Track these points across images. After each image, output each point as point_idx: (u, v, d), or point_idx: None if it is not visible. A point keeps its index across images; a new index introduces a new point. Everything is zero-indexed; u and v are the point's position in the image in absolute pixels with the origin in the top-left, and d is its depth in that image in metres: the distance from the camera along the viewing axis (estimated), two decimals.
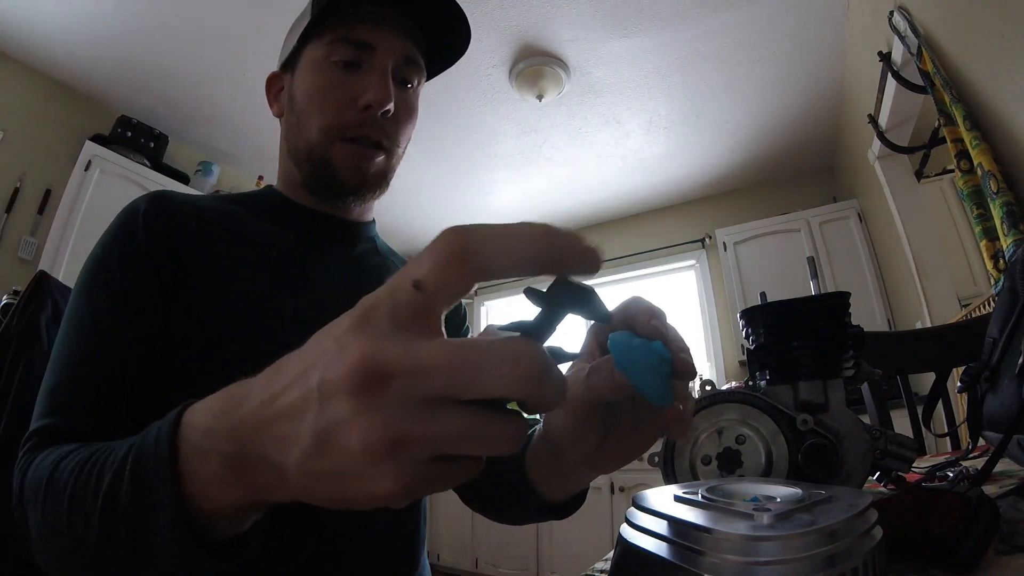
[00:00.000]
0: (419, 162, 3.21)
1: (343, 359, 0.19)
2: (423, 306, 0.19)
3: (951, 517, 0.33)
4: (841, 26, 2.30)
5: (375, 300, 0.20)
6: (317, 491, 0.21)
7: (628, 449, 0.36)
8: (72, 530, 0.30)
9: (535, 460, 0.46)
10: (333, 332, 0.20)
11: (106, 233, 0.51)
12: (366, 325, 0.19)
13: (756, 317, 0.49)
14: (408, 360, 0.18)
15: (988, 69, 1.29)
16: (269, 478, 0.22)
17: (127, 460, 0.28)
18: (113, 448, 0.31)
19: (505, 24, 2.23)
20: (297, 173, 0.61)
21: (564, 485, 0.45)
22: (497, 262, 0.19)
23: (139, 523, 0.27)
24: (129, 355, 0.46)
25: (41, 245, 2.35)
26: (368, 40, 0.56)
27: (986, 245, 1.32)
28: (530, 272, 0.20)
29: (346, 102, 0.56)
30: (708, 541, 0.22)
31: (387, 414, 0.18)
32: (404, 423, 0.18)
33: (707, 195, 3.86)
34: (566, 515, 0.49)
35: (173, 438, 0.26)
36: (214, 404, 0.25)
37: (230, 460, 0.23)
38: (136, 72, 2.51)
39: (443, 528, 3.42)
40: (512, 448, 0.20)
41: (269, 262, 0.56)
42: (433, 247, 0.19)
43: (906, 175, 2.34)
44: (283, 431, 0.21)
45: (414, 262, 0.19)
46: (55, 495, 0.32)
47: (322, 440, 0.19)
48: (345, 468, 0.19)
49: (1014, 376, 0.52)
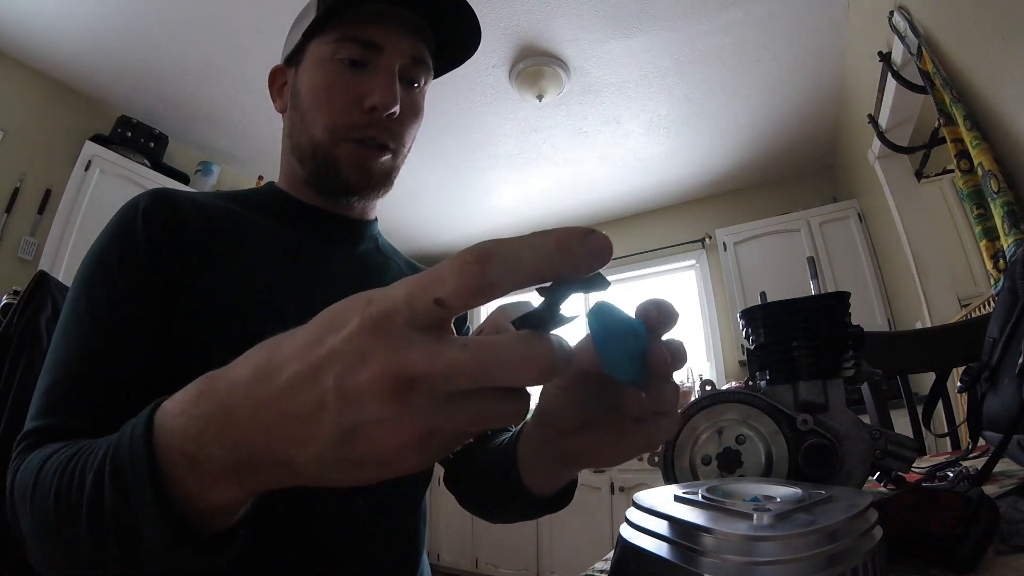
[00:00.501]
0: (419, 162, 3.21)
1: (369, 366, 0.19)
2: (442, 316, 0.20)
3: (951, 517, 0.33)
4: (841, 26, 2.30)
5: (391, 305, 0.20)
6: (331, 476, 0.22)
7: (603, 442, 0.35)
8: (62, 530, 0.30)
9: (524, 453, 0.47)
10: (340, 331, 0.20)
11: (105, 230, 0.50)
12: (386, 331, 0.20)
13: (756, 317, 0.49)
14: (433, 366, 0.19)
15: (988, 69, 1.29)
16: (277, 474, 0.23)
17: (105, 462, 0.28)
18: (94, 447, 0.30)
19: (505, 24, 2.23)
20: (300, 170, 0.60)
21: (551, 476, 0.45)
22: (519, 282, 0.20)
23: (124, 524, 0.27)
24: (128, 354, 0.45)
25: (41, 245, 2.35)
26: (375, 40, 0.55)
27: (986, 245, 1.32)
28: (549, 281, 0.21)
29: (352, 102, 0.56)
30: (708, 541, 0.22)
31: (416, 414, 0.19)
32: (431, 419, 0.20)
33: (707, 195, 3.86)
34: (556, 509, 0.50)
35: (149, 443, 0.25)
36: (189, 405, 0.25)
37: (229, 464, 0.23)
38: (136, 72, 2.51)
39: (443, 528, 3.42)
40: (519, 420, 0.22)
41: (271, 261, 0.55)
42: (457, 270, 0.19)
43: (906, 175, 2.34)
44: (297, 432, 0.21)
45: (434, 278, 0.20)
46: (42, 496, 0.32)
47: (347, 437, 0.20)
48: (371, 458, 0.21)
49: (1014, 376, 0.52)
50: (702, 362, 3.59)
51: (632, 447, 0.34)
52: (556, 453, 0.40)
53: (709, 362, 3.57)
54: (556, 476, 0.45)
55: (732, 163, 3.43)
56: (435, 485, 1.80)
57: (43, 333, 0.79)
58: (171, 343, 0.47)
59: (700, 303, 3.73)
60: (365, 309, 0.20)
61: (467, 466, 0.61)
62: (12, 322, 0.78)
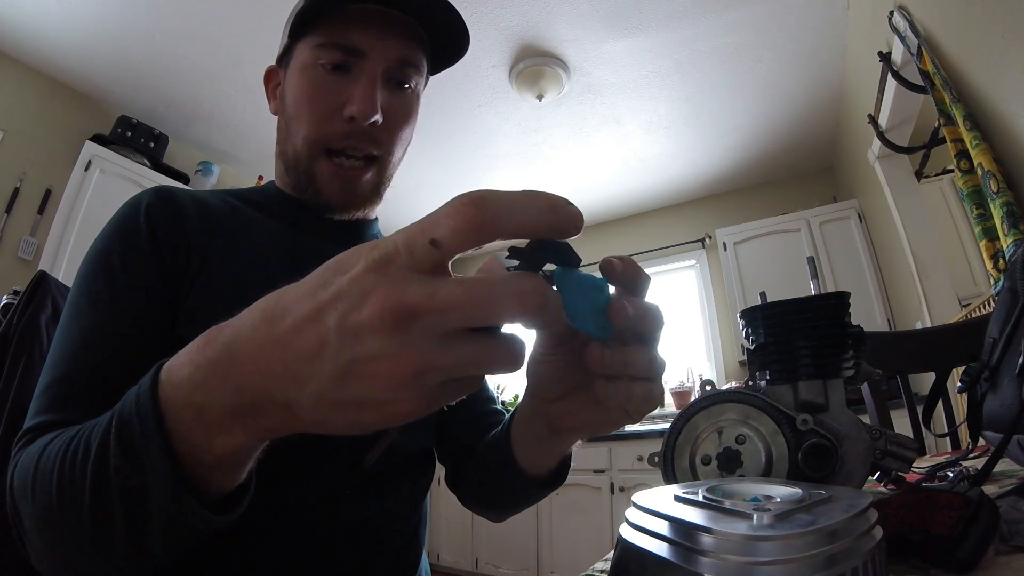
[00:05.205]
0: (419, 162, 3.21)
1: (370, 301, 0.20)
2: (438, 258, 0.21)
3: (951, 517, 0.33)
4: (841, 26, 2.30)
5: (391, 248, 0.21)
6: (331, 420, 0.23)
7: (584, 407, 0.36)
8: (64, 514, 0.30)
9: (516, 431, 0.48)
10: (346, 274, 0.21)
11: (107, 227, 0.50)
12: (386, 270, 0.21)
13: (756, 317, 0.49)
14: (431, 300, 0.20)
15: (988, 69, 1.29)
16: (278, 417, 0.24)
17: (110, 429, 0.28)
18: (97, 421, 0.31)
19: (505, 24, 2.23)
20: (288, 178, 0.60)
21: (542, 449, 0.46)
22: (509, 229, 0.21)
23: (132, 489, 0.27)
24: (130, 350, 0.45)
25: (41, 245, 2.36)
26: (359, 45, 0.53)
27: (986, 245, 1.32)
28: (533, 236, 0.22)
29: (331, 110, 0.54)
30: (708, 541, 0.22)
31: (413, 348, 0.20)
32: (427, 354, 0.20)
33: (707, 195, 3.86)
34: (551, 489, 0.51)
35: (155, 397, 0.26)
36: (196, 356, 0.25)
37: (231, 409, 0.24)
38: (136, 72, 2.51)
39: (443, 528, 3.42)
40: (516, 366, 0.23)
41: (271, 260, 0.55)
42: (453, 211, 0.20)
43: (906, 175, 2.34)
44: (298, 372, 0.22)
45: (431, 220, 0.21)
46: (43, 481, 0.31)
47: (344, 375, 0.21)
48: (368, 397, 0.21)
49: (1014, 376, 0.52)
50: (702, 362, 3.59)
51: (609, 414, 0.35)
52: (544, 422, 0.41)
53: (709, 362, 3.57)
54: (547, 448, 0.46)
55: (732, 163, 3.43)
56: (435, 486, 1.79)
57: (43, 333, 0.79)
58: (173, 341, 0.47)
59: (700, 303, 3.73)
60: (369, 254, 0.21)
61: (467, 459, 0.61)
62: (12, 322, 0.78)
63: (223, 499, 0.29)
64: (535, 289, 0.21)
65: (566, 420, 0.38)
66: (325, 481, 0.49)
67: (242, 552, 0.45)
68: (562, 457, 0.49)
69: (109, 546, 0.29)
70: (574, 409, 0.37)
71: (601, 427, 0.37)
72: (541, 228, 0.22)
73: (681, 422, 0.46)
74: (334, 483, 0.50)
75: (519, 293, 0.21)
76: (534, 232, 0.22)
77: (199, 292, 0.49)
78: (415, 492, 0.59)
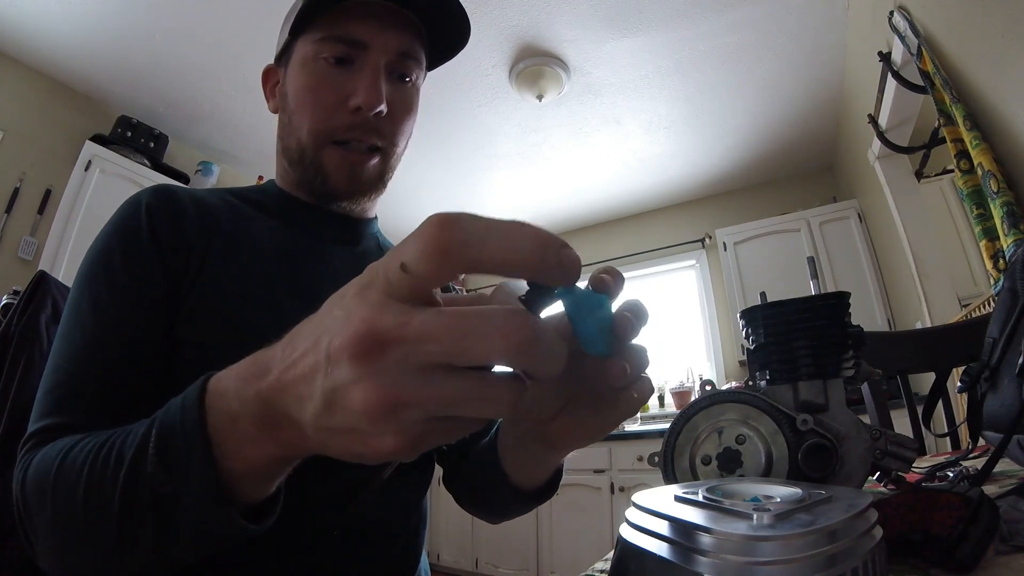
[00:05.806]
0: (419, 162, 3.21)
1: (347, 327, 0.20)
2: (411, 285, 0.20)
3: (951, 517, 0.33)
4: (841, 26, 2.30)
5: (372, 273, 0.21)
6: (331, 446, 0.23)
7: (584, 419, 0.35)
8: (88, 517, 0.30)
9: (503, 446, 0.47)
10: (343, 299, 0.22)
11: (108, 226, 0.50)
12: (366, 295, 0.21)
13: (756, 317, 0.49)
14: (402, 329, 0.19)
15: (988, 69, 1.29)
16: (292, 433, 0.24)
17: (150, 435, 0.29)
18: (129, 430, 0.31)
19: (505, 24, 2.23)
20: (291, 172, 0.60)
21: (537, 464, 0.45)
22: (482, 260, 0.19)
23: (165, 496, 0.28)
24: (132, 349, 0.45)
25: (41, 245, 2.35)
26: (361, 37, 0.54)
27: (986, 245, 1.32)
28: (514, 277, 0.21)
29: (336, 103, 0.55)
30: (708, 541, 0.22)
31: (384, 378, 0.19)
32: (401, 387, 0.19)
33: (707, 195, 3.86)
34: (540, 501, 0.51)
35: (202, 403, 0.27)
36: (241, 370, 0.27)
37: (260, 419, 0.25)
38: (136, 72, 2.51)
39: (443, 528, 3.42)
40: (506, 412, 0.21)
41: (272, 259, 0.55)
42: (420, 234, 0.19)
43: (906, 175, 2.34)
44: (300, 391, 0.22)
45: (403, 243, 0.20)
46: (67, 484, 0.32)
47: (329, 400, 0.21)
48: (350, 426, 0.21)
49: (1014, 376, 0.52)
50: (702, 362, 3.59)
51: (612, 417, 0.34)
52: (537, 439, 0.41)
53: (709, 362, 3.57)
54: (542, 464, 0.45)
55: (732, 163, 3.43)
56: (435, 485, 1.79)
57: (43, 333, 0.79)
58: (174, 340, 0.47)
59: (700, 303, 3.73)
60: (360, 280, 0.22)
61: (461, 463, 0.61)
62: (12, 322, 0.78)
63: (251, 509, 0.30)
64: (520, 325, 0.19)
65: (565, 436, 0.37)
66: (325, 483, 0.49)
67: (242, 552, 0.45)
68: (555, 468, 0.48)
69: (131, 552, 0.29)
70: (573, 423, 0.36)
71: (601, 433, 0.36)
72: (524, 268, 0.20)
73: (681, 422, 0.46)
74: (334, 485, 0.50)
75: (502, 329, 0.19)
76: (515, 271, 0.20)
77: (199, 291, 0.49)
78: (414, 492, 0.59)
